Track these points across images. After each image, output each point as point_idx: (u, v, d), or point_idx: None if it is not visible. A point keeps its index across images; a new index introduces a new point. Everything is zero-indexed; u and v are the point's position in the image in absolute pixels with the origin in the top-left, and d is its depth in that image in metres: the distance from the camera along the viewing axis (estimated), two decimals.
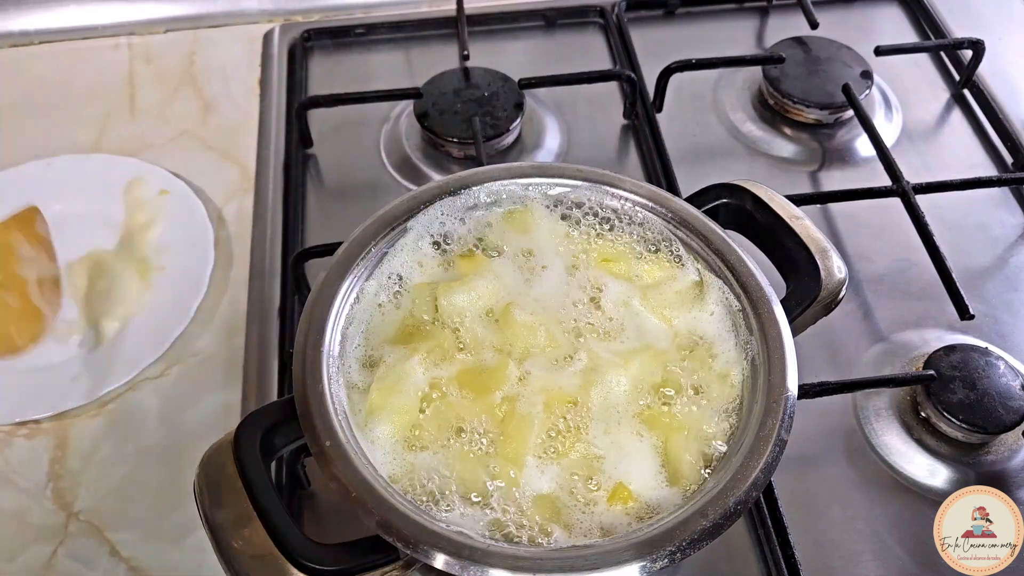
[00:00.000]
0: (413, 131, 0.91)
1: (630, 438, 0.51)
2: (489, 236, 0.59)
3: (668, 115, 0.92)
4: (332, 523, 0.65)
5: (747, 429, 0.50)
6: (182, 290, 0.77)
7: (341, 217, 0.85)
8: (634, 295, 0.56)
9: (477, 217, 0.59)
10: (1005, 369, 0.69)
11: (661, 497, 0.49)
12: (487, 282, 0.56)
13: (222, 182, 0.88)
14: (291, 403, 0.49)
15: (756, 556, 0.64)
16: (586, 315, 0.55)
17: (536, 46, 1.02)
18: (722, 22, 1.05)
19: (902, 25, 1.06)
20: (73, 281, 0.78)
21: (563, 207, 0.60)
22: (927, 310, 0.77)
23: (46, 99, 0.96)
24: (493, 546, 0.45)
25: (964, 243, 0.82)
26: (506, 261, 0.58)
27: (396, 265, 0.57)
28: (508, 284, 0.56)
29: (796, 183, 0.88)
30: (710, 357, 0.54)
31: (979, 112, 0.95)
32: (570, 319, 0.55)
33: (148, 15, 1.03)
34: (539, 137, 0.91)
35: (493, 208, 0.60)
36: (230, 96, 0.96)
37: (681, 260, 0.58)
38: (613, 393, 0.52)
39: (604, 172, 0.61)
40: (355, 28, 1.02)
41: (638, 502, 0.49)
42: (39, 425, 0.71)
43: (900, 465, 0.68)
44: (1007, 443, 0.68)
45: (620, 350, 0.54)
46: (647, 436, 0.51)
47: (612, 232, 0.59)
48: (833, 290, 0.55)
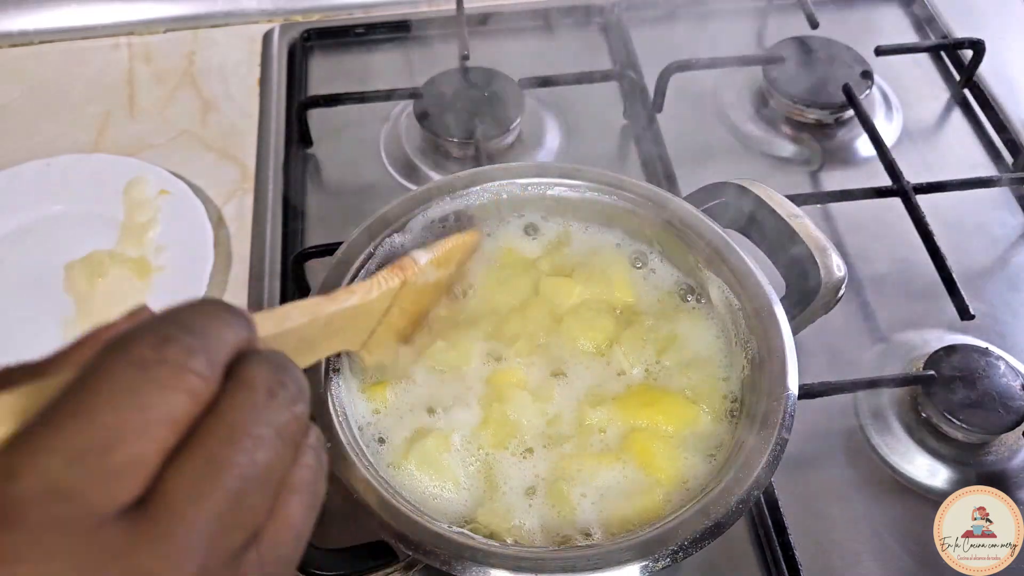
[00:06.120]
0: (413, 131, 0.91)
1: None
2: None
3: (668, 115, 0.92)
4: (333, 526, 0.65)
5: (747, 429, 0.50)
6: (182, 290, 0.77)
7: (341, 217, 0.85)
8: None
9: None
10: (1005, 369, 0.69)
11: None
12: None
13: (222, 182, 0.88)
14: None
15: (756, 556, 0.64)
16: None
17: (536, 46, 1.01)
18: (722, 22, 1.05)
19: (902, 25, 1.06)
20: (73, 281, 0.78)
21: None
22: (927, 310, 0.77)
23: (46, 99, 0.96)
24: (494, 546, 0.45)
25: (964, 243, 0.82)
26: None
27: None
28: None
29: (796, 183, 0.88)
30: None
31: (979, 112, 0.95)
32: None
33: (148, 15, 1.03)
34: (539, 137, 0.91)
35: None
36: (230, 96, 0.96)
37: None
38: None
39: (604, 172, 0.61)
40: (355, 28, 1.02)
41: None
42: None
43: (900, 465, 0.68)
44: (1007, 443, 0.68)
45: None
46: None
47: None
48: (832, 288, 0.55)
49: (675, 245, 0.60)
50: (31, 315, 0.77)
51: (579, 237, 0.62)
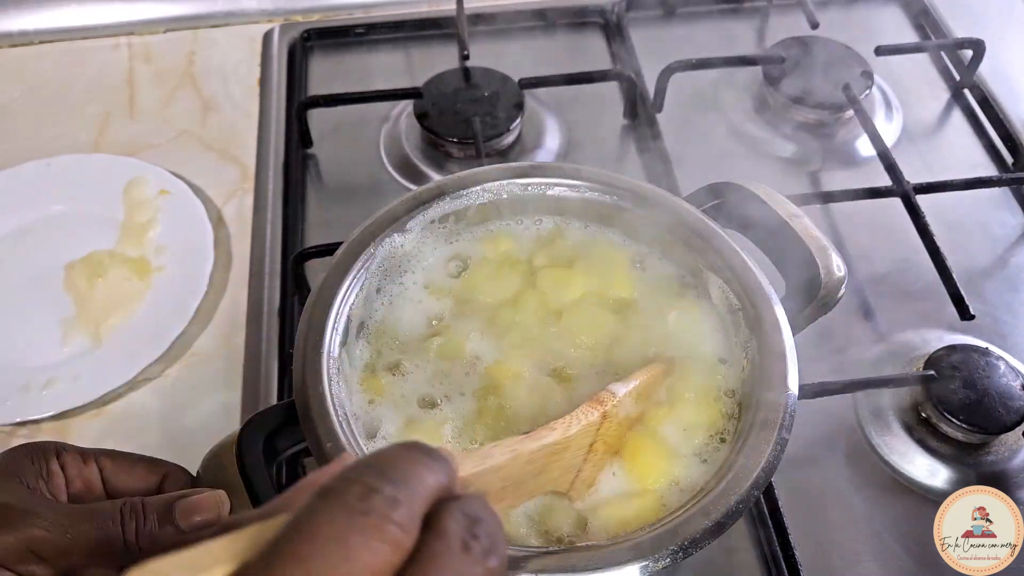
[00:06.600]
0: (413, 131, 0.91)
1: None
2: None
3: (668, 115, 0.92)
4: None
5: (748, 428, 0.50)
6: (182, 290, 0.77)
7: (341, 217, 0.85)
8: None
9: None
10: (1005, 369, 0.69)
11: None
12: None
13: (222, 182, 0.88)
14: (293, 405, 0.49)
15: (756, 556, 0.64)
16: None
17: (536, 46, 1.01)
18: (722, 22, 1.05)
19: (902, 25, 1.06)
20: (73, 281, 0.78)
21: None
22: (927, 310, 0.77)
23: (46, 99, 0.96)
24: None
25: (964, 243, 0.82)
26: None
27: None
28: None
29: (796, 183, 0.88)
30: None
31: (979, 112, 0.95)
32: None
33: (148, 15, 1.03)
34: (539, 137, 0.91)
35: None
36: (230, 96, 0.96)
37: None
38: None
39: (604, 172, 0.61)
40: (355, 28, 1.02)
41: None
42: (39, 425, 0.70)
43: (900, 465, 0.68)
44: (1007, 443, 0.68)
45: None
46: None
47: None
48: (832, 288, 0.55)
49: (675, 245, 0.60)
50: (31, 315, 0.77)
51: (578, 235, 0.62)
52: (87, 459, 0.50)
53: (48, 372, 0.72)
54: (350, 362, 0.54)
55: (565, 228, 0.62)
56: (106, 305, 0.76)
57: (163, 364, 0.74)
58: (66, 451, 0.50)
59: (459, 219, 0.60)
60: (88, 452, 0.51)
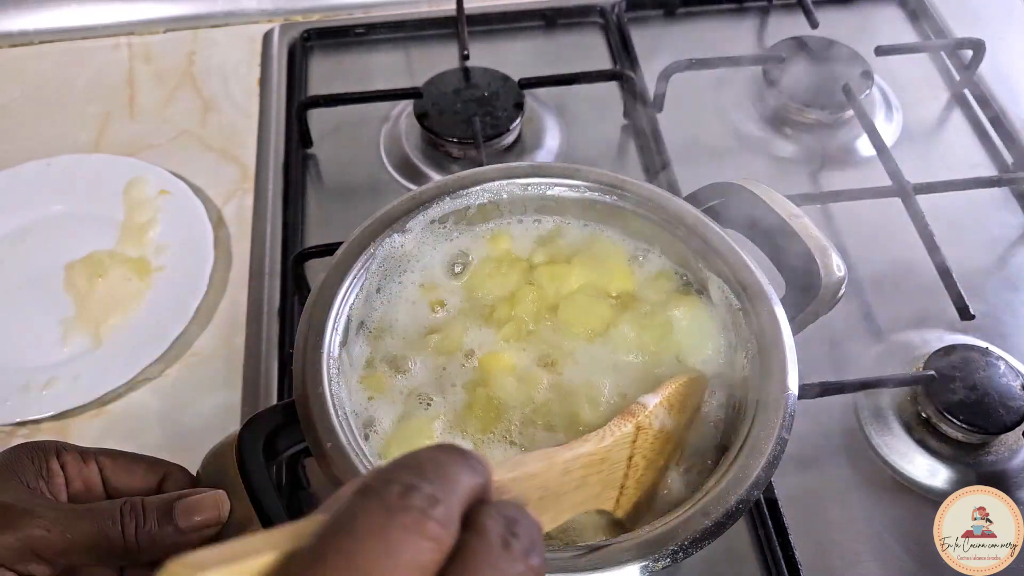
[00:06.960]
0: (413, 131, 0.91)
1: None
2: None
3: (668, 115, 0.92)
4: None
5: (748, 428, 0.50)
6: (182, 290, 0.77)
7: (341, 217, 0.85)
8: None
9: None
10: (1005, 369, 0.69)
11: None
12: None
13: (222, 182, 0.88)
14: (293, 405, 0.49)
15: (756, 556, 0.64)
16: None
17: (536, 46, 1.01)
18: (722, 22, 1.05)
19: (902, 25, 1.06)
20: (73, 281, 0.78)
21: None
22: (927, 310, 0.77)
23: (46, 99, 0.96)
24: None
25: (964, 243, 0.82)
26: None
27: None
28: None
29: (796, 183, 0.88)
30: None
31: (979, 112, 0.95)
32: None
33: (148, 15, 1.03)
34: (539, 137, 0.91)
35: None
36: (230, 96, 0.96)
37: None
38: None
39: (604, 172, 0.61)
40: (355, 28, 1.02)
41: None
42: (39, 425, 0.71)
43: (900, 465, 0.68)
44: (1007, 443, 0.68)
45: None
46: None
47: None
48: (832, 288, 0.55)
49: (675, 245, 0.60)
50: (31, 315, 0.77)
51: (577, 234, 0.62)
52: (87, 459, 0.50)
53: (48, 372, 0.73)
54: (350, 362, 0.54)
55: (565, 228, 0.62)
56: (106, 305, 0.76)
57: (163, 364, 0.74)
58: (66, 451, 0.50)
59: (459, 219, 0.60)
60: (88, 452, 0.51)
